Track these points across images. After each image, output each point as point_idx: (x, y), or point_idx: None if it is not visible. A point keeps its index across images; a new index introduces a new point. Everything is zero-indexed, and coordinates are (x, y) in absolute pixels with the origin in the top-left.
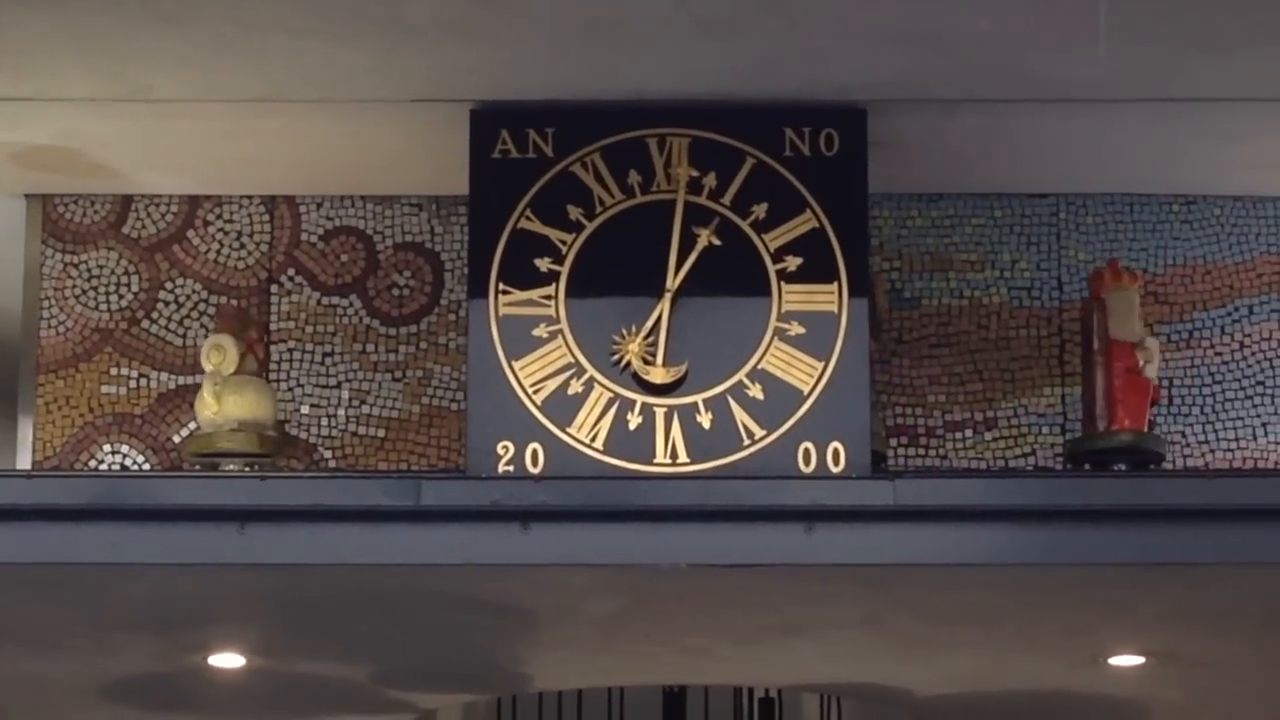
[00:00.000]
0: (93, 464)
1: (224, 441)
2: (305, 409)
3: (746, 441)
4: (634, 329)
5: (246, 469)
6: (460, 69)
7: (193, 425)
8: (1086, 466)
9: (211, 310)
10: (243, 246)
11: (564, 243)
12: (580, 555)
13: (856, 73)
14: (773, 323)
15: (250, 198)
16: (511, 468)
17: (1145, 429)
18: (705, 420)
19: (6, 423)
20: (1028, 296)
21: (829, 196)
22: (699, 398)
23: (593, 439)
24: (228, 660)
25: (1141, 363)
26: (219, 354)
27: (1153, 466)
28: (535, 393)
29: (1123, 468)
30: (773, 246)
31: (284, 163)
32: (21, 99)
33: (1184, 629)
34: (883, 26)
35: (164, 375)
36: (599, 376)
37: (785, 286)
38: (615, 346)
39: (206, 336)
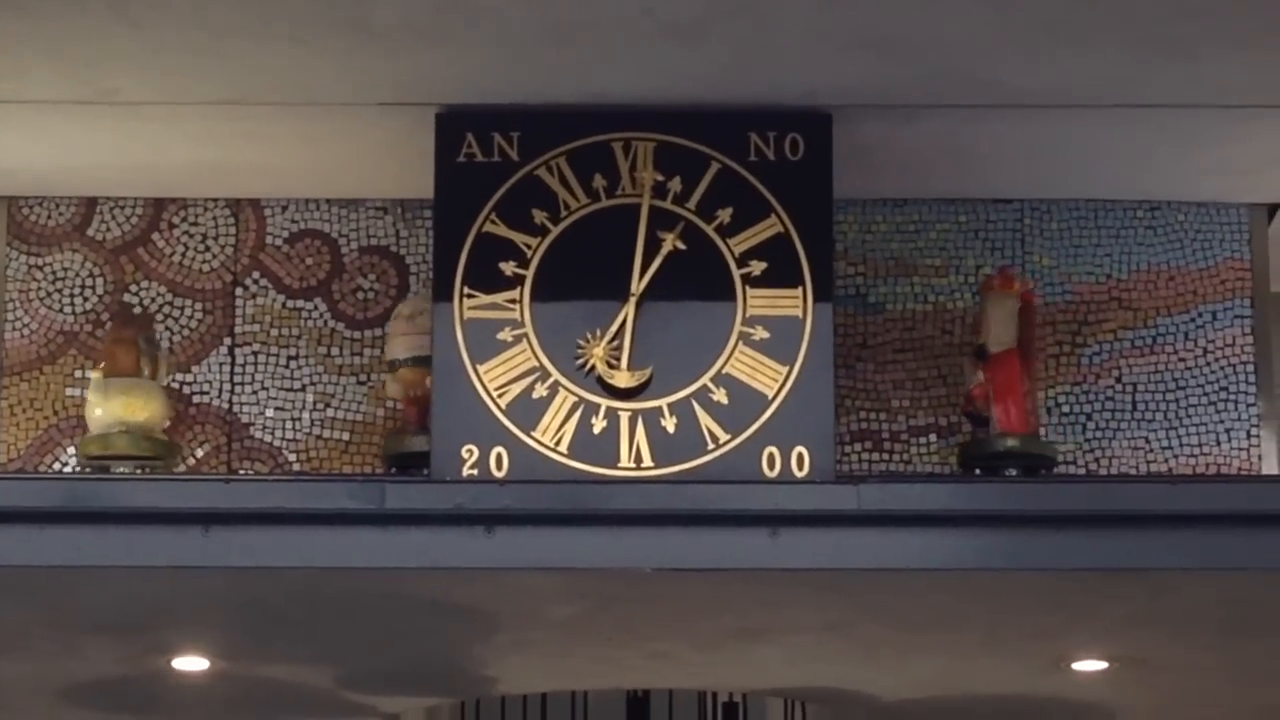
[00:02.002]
0: (56, 466)
1: (100, 445)
2: (270, 412)
3: (711, 446)
4: (598, 333)
5: (138, 470)
6: (425, 73)
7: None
8: (977, 471)
9: (176, 313)
10: (207, 249)
11: (529, 246)
12: (544, 559)
13: (822, 78)
14: (737, 327)
15: (215, 201)
16: (476, 471)
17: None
18: (669, 424)
19: None
20: None
21: (794, 201)
22: (663, 402)
23: (557, 443)
24: (191, 663)
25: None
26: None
27: (1044, 472)
28: (500, 396)
29: (1013, 472)
30: (737, 251)
31: (249, 166)
32: None
33: (1148, 634)
34: (848, 32)
35: None
36: (563, 380)
37: (750, 291)
38: (580, 350)
39: (167, 340)
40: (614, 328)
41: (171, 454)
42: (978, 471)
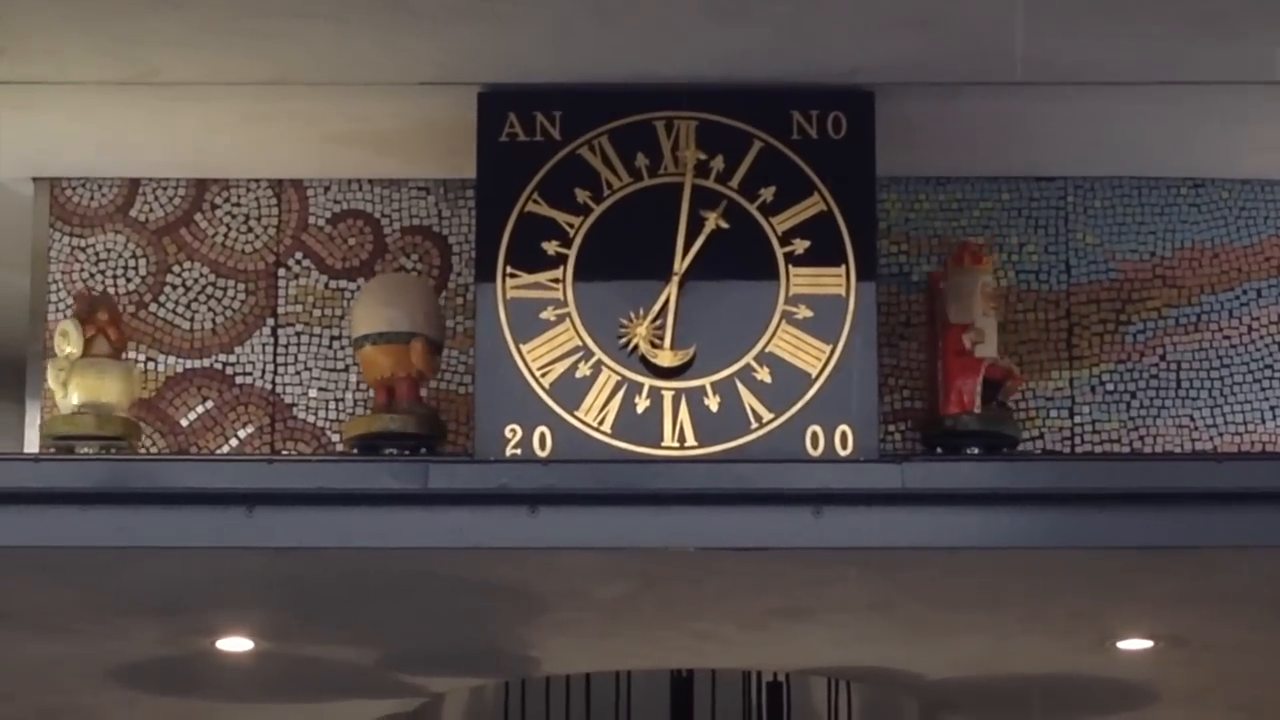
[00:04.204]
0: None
1: (66, 425)
2: (313, 392)
3: (754, 425)
4: (642, 312)
5: (103, 451)
6: (467, 52)
7: (200, 409)
8: (939, 450)
9: (219, 294)
10: (250, 230)
11: (571, 226)
12: (588, 539)
13: (864, 56)
14: (780, 306)
15: (258, 181)
16: (519, 451)
17: (975, 410)
18: (713, 403)
19: (14, 406)
20: (1035, 280)
21: (837, 180)
22: (707, 381)
23: (600, 422)
24: (236, 644)
25: (969, 344)
26: (64, 340)
27: (1005, 450)
28: (543, 376)
29: (976, 450)
30: (780, 229)
31: (291, 146)
32: (29, 82)
33: (1192, 613)
34: (890, 9)
35: (171, 359)
36: (607, 359)
37: (793, 270)
38: (623, 329)
39: (211, 321)
40: (657, 307)
41: (134, 434)
42: (939, 450)
